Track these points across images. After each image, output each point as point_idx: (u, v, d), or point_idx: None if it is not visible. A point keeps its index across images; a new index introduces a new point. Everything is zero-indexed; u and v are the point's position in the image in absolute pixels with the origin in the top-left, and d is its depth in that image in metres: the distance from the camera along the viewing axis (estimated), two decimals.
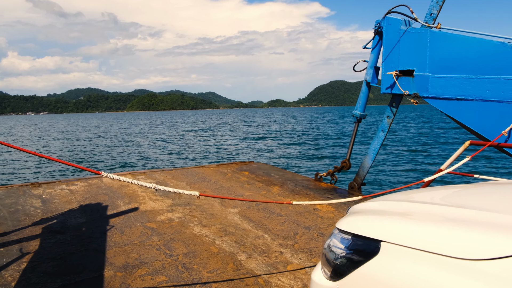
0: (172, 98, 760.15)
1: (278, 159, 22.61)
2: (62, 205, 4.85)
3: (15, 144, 38.62)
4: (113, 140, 41.66)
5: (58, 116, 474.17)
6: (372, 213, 1.61)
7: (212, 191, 5.59)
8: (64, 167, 21.62)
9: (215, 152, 27.59)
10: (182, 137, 43.97)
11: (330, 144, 30.00)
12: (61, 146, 36.31)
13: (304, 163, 20.70)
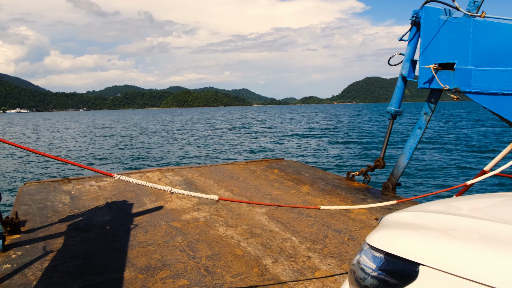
0: (206, 95, 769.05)
1: (309, 157, 22.23)
2: (90, 201, 4.84)
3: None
4: (153, 137, 42.45)
5: (97, 112, 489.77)
6: (408, 227, 1.39)
7: (240, 189, 5.45)
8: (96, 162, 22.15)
9: (247, 149, 27.45)
10: (219, 134, 44.27)
11: (363, 142, 29.23)
12: (106, 141, 37.28)
13: (335, 161, 20.20)
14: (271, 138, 36.51)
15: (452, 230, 1.29)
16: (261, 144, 31.22)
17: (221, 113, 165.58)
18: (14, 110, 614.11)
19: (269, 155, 23.99)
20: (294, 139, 34.00)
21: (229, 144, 31.70)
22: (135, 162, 22.45)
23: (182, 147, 29.34)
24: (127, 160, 23.40)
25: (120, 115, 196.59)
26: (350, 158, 20.99)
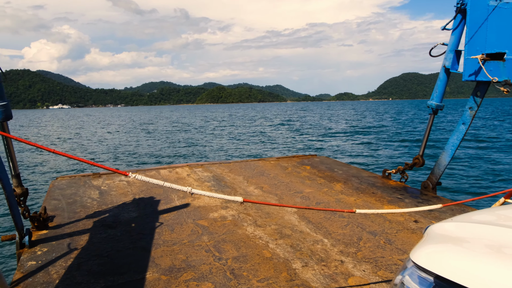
0: (240, 91, 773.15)
1: (342, 153, 21.65)
2: (118, 197, 4.79)
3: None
4: (190, 132, 42.94)
5: (134, 108, 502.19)
6: (460, 242, 1.15)
7: (270, 186, 5.26)
8: (123, 158, 22.50)
9: (280, 145, 27.08)
10: (254, 130, 44.22)
11: (399, 139, 28.24)
12: (146, 136, 38.05)
13: (370, 158, 19.59)
14: (305, 134, 35.95)
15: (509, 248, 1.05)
16: (294, 139, 30.78)
17: (257, 109, 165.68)
18: (56, 106, 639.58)
19: (302, 150, 23.60)
20: (328, 136, 33.32)
21: (262, 140, 31.47)
22: (167, 157, 22.64)
23: (217, 143, 29.37)
24: (162, 154, 23.70)
25: (157, 111, 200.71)
26: (385, 155, 20.28)
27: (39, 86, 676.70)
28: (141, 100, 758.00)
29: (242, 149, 25.12)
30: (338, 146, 25.64)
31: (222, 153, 23.72)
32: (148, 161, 21.51)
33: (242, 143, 28.79)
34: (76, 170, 19.08)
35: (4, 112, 3.22)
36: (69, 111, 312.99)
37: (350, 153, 21.63)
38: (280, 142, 29.43)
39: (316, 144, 26.84)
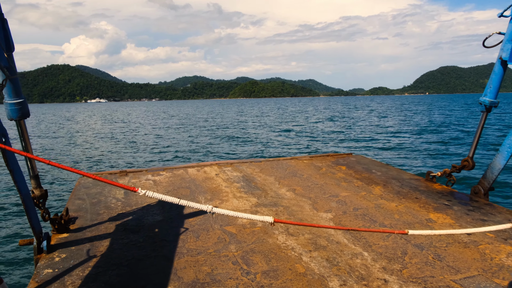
0: (272, 85, 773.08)
1: (379, 152, 20.73)
2: (143, 198, 4.58)
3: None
4: (223, 128, 42.94)
5: (168, 102, 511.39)
6: None
7: (303, 189, 4.91)
8: (148, 157, 22.59)
9: (313, 142, 26.34)
10: (288, 125, 43.88)
11: (444, 137, 26.66)
12: (180, 132, 38.44)
13: (411, 158, 18.41)
14: (339, 130, 34.97)
15: None
16: (327, 136, 30.00)
17: (291, 104, 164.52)
18: (94, 100, 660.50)
19: (336, 149, 22.83)
20: (364, 132, 32.06)
21: (295, 136, 30.87)
22: (196, 153, 22.47)
23: (249, 139, 28.96)
24: (192, 150, 23.64)
25: (191, 105, 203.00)
26: (428, 156, 19.08)
27: (78, 81, 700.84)
28: (175, 95, 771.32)
29: (274, 146, 24.62)
30: (374, 143, 24.71)
31: (254, 149, 23.33)
32: (178, 157, 21.47)
33: (275, 140, 28.31)
34: (106, 166, 19.23)
35: (21, 110, 3.04)
36: (107, 105, 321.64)
37: (388, 152, 20.65)
38: (315, 138, 28.77)
39: (351, 142, 25.98)
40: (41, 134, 38.91)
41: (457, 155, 19.08)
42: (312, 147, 23.77)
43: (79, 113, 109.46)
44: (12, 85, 2.95)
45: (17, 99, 3.00)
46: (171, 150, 24.17)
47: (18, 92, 2.99)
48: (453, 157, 18.63)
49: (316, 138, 28.53)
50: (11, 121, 3.14)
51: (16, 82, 2.97)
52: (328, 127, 38.82)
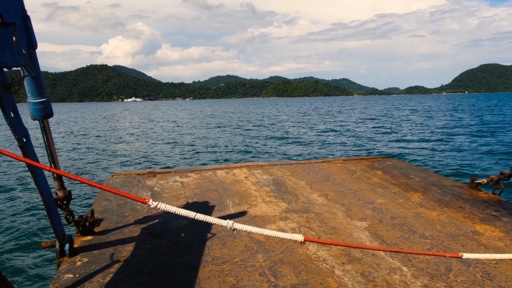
0: (305, 84, 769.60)
1: (417, 156, 19.66)
2: (170, 200, 4.47)
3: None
4: (255, 127, 42.85)
5: (202, 101, 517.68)
6: None
7: (336, 194, 4.67)
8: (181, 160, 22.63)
9: (346, 143, 25.52)
10: (320, 126, 43.38)
11: (490, 141, 24.89)
12: (215, 132, 38.74)
13: (452, 164, 17.27)
14: (374, 131, 33.90)
15: None
16: (363, 137, 29.06)
17: (326, 102, 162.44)
18: (130, 99, 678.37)
19: (371, 151, 22.06)
20: (400, 134, 30.78)
21: (327, 137, 30.26)
22: (226, 153, 22.32)
23: (280, 140, 28.58)
24: (222, 150, 23.58)
25: (224, 104, 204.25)
26: (471, 161, 17.82)
27: (115, 80, 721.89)
28: (208, 94, 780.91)
29: (307, 147, 24.12)
30: (411, 146, 23.62)
31: (285, 150, 22.96)
32: (208, 156, 21.38)
33: (307, 140, 27.84)
34: (135, 165, 19.35)
35: (44, 109, 2.97)
36: (142, 104, 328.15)
37: (427, 156, 19.52)
38: (349, 139, 28.04)
39: (387, 144, 25.03)
40: (77, 133, 40.05)
41: (506, 161, 17.89)
42: (346, 148, 23.09)
43: (116, 111, 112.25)
44: (35, 83, 2.89)
45: (40, 98, 2.94)
46: (202, 149, 24.21)
47: (41, 91, 2.93)
48: (501, 163, 17.38)
49: (351, 139, 27.82)
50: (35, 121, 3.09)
51: (39, 81, 2.90)
52: (364, 127, 37.86)
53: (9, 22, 2.22)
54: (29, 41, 2.67)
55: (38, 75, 2.88)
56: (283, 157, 20.87)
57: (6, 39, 2.23)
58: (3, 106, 2.37)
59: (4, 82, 2.30)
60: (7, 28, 2.23)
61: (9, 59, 2.25)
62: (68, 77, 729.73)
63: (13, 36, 2.28)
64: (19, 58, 2.31)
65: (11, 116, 2.45)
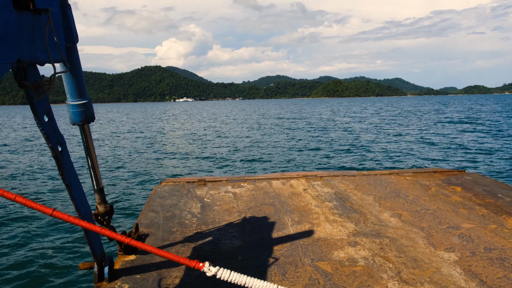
0: (356, 84, 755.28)
1: (498, 168, 17.07)
2: (221, 215, 4.03)
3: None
4: (310, 130, 42.07)
5: (251, 101, 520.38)
6: None
7: (411, 214, 4.02)
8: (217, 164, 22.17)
9: (411, 151, 23.34)
10: (380, 130, 41.85)
11: None
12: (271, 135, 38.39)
13: None
14: (441, 137, 31.14)
15: None
16: (428, 144, 26.67)
17: (383, 103, 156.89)
18: (181, 99, 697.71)
19: (443, 162, 19.76)
20: (474, 142, 27.21)
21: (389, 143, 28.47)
22: (281, 161, 21.29)
23: (339, 145, 27.18)
24: (280, 155, 22.87)
25: (277, 104, 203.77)
26: None
27: (167, 81, 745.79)
28: (258, 94, 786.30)
29: (368, 155, 22.28)
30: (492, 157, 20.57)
31: (344, 158, 21.62)
32: (261, 162, 20.46)
33: (368, 146, 26.24)
34: (185, 170, 18.92)
35: (84, 112, 2.60)
36: (193, 104, 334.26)
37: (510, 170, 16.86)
38: (415, 146, 25.85)
39: (457, 153, 22.37)
40: (127, 134, 41.01)
41: None
42: (412, 158, 21.14)
43: (168, 111, 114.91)
44: (75, 83, 2.52)
45: (81, 99, 2.57)
46: (255, 154, 23.62)
47: (82, 92, 2.56)
48: None
49: (416, 146, 25.69)
50: None
51: (80, 80, 2.54)
52: (431, 132, 35.47)
53: (42, 8, 1.84)
54: (68, 33, 2.30)
55: (78, 73, 2.52)
56: (340, 163, 19.77)
57: (38, 29, 1.85)
58: (35, 108, 2.00)
59: (36, 80, 1.93)
60: (39, 16, 1.85)
61: (40, 53, 1.88)
62: (124, 78, 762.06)
63: (46, 26, 1.90)
64: (52, 53, 1.93)
65: (44, 120, 2.08)
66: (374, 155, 22.07)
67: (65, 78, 2.52)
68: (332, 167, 18.79)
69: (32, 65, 1.89)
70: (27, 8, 1.74)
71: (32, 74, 1.90)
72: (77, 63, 2.48)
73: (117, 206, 11.86)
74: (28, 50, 1.77)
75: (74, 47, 2.43)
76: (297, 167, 18.95)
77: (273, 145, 27.91)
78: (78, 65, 2.50)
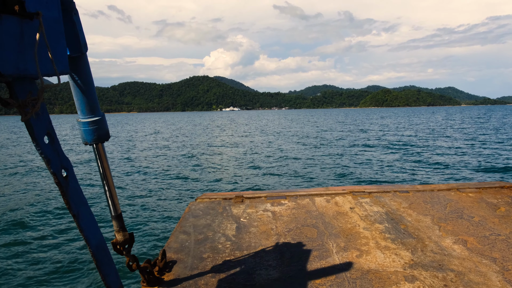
0: (407, 94, 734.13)
1: None
2: (258, 238, 3.63)
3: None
4: (357, 141, 41.14)
5: (298, 111, 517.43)
6: None
7: (479, 241, 3.43)
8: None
9: (469, 163, 21.53)
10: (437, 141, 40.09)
11: None
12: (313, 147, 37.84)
13: None
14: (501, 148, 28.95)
15: None
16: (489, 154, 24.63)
17: (441, 113, 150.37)
18: (228, 108, 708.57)
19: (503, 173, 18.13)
20: None
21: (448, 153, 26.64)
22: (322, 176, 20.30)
23: (388, 157, 25.76)
24: (323, 166, 22.24)
25: (325, 114, 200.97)
26: None
27: (214, 91, 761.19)
28: (304, 103, 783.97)
29: (422, 165, 20.94)
30: None
31: (395, 169, 20.30)
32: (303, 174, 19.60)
33: (421, 156, 24.75)
34: (225, 182, 18.14)
35: (96, 131, 2.30)
36: (240, 113, 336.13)
37: None
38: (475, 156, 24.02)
39: None
40: (167, 143, 41.48)
41: None
42: (472, 168, 19.56)
43: (215, 121, 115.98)
44: (85, 98, 2.23)
45: (92, 116, 2.28)
46: (297, 164, 23.08)
47: (93, 108, 2.27)
48: None
49: (477, 156, 23.91)
50: None
51: (91, 94, 2.25)
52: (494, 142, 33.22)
53: (32, 12, 1.56)
54: (73, 41, 2.02)
55: (88, 87, 2.23)
56: (391, 174, 18.56)
57: (28, 37, 1.56)
58: (32, 130, 1.71)
59: (23, 97, 1.64)
60: (31, 21, 1.57)
61: (31, 65, 1.59)
62: (173, 88, 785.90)
63: (37, 33, 1.61)
64: (42, 65, 1.64)
65: (44, 143, 1.79)
66: (428, 165, 20.81)
67: (74, 93, 2.24)
68: (382, 179, 17.71)
69: (21, 80, 1.60)
70: (12, 11, 1.46)
71: (22, 90, 1.62)
72: (86, 76, 2.20)
73: (149, 227, 10.99)
74: (14, 61, 1.48)
75: (83, 58, 2.15)
76: (343, 177, 18.14)
77: (319, 156, 27.21)
78: (88, 77, 2.22)
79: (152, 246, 9.39)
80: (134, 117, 59.34)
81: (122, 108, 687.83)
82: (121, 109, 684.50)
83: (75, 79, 2.19)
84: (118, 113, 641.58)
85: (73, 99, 2.27)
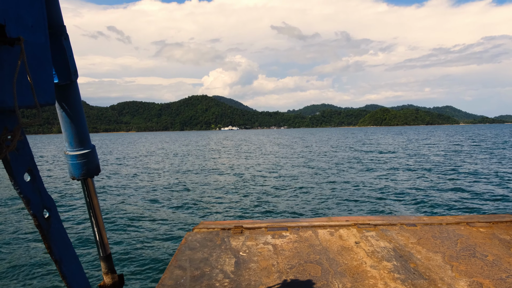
0: (405, 113, 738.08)
1: None
2: (258, 275, 3.38)
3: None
4: (360, 165, 40.81)
5: (296, 130, 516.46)
6: None
7: (495, 284, 3.18)
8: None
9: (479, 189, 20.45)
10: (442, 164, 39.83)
11: None
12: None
13: None
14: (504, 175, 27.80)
15: None
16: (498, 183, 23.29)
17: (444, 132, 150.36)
18: (227, 127, 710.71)
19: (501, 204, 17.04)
20: None
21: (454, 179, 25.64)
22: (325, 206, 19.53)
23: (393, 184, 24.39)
24: (324, 194, 21.73)
25: (325, 133, 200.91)
26: None
27: (213, 110, 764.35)
28: (303, 123, 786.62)
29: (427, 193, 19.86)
30: None
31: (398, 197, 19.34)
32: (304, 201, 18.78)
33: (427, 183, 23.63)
34: (223, 208, 17.04)
35: (85, 164, 2.09)
36: (238, 132, 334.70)
37: None
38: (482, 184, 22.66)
39: None
40: (162, 165, 40.85)
41: None
42: (480, 198, 18.31)
43: (213, 140, 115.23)
44: (73, 129, 2.03)
45: (81, 149, 2.07)
46: (297, 190, 22.59)
47: (82, 139, 2.06)
48: None
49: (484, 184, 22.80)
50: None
51: (80, 125, 2.05)
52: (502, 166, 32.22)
53: (13, 38, 1.37)
54: (62, 68, 1.84)
55: (78, 117, 2.04)
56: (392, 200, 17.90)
57: (8, 65, 1.38)
58: (9, 167, 1.51)
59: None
60: (12, 48, 1.38)
61: (9, 96, 1.40)
62: (172, 107, 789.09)
63: (19, 61, 1.42)
64: (23, 96, 1.45)
65: (22, 181, 1.58)
66: (433, 193, 20.35)
67: (62, 123, 2.04)
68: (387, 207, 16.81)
69: None
70: None
71: None
72: (75, 105, 2.01)
73: (142, 258, 10.26)
74: None
75: (72, 85, 1.96)
76: (345, 206, 17.52)
77: (320, 180, 26.92)
78: (78, 107, 2.03)
79: (145, 278, 8.83)
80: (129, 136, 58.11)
81: (120, 128, 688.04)
82: (120, 128, 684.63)
83: (64, 108, 2.00)
84: (117, 132, 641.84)
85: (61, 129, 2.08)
